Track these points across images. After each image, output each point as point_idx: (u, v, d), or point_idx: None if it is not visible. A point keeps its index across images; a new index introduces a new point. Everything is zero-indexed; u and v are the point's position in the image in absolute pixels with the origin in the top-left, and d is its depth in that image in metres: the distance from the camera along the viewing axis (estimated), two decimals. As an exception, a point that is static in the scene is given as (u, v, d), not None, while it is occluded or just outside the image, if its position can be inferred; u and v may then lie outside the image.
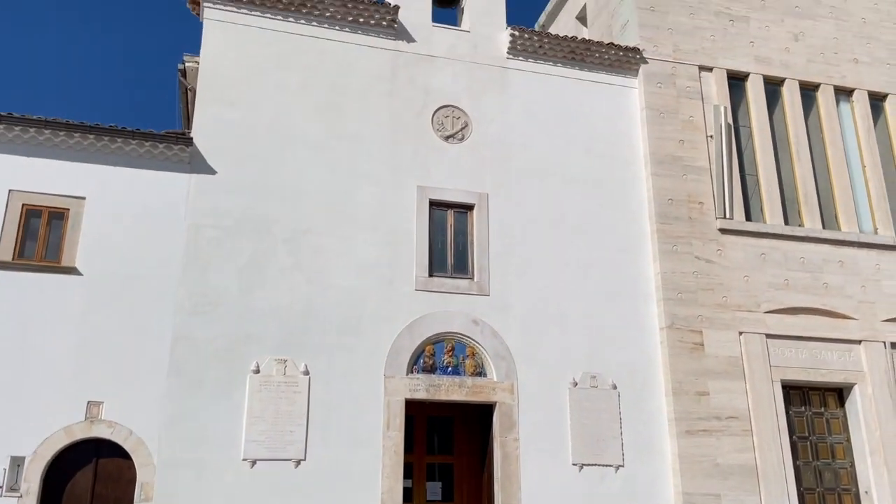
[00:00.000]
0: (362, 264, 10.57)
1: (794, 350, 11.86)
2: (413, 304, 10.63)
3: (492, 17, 12.39)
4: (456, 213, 11.38)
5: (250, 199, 10.35)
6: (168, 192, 9.98)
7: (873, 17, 14.57)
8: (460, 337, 10.71)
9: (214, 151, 10.35)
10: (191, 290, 9.75)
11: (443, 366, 10.58)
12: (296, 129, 10.84)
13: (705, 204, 12.24)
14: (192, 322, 9.63)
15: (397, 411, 10.10)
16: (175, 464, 9.06)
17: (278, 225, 10.37)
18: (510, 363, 10.74)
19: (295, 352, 9.93)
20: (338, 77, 11.27)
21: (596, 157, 12.17)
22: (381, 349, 10.29)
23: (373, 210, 10.85)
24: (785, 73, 13.54)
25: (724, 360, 11.43)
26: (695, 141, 12.55)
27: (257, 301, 9.98)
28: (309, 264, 10.34)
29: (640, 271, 11.78)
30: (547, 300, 11.21)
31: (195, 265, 9.87)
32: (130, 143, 9.87)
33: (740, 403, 11.24)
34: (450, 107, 11.71)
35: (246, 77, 10.82)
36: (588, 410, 10.81)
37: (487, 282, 11.03)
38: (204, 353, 9.56)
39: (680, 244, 11.87)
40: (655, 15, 13.12)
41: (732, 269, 11.97)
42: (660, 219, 11.92)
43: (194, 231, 9.99)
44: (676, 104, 12.68)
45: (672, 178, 12.21)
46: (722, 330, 11.58)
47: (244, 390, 9.57)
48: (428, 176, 11.27)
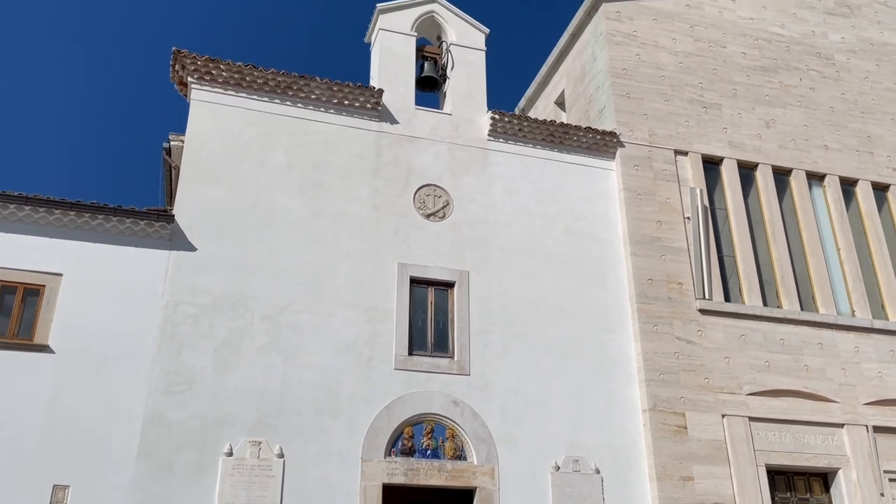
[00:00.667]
0: (341, 342, 10.44)
1: (777, 433, 11.74)
2: (392, 384, 10.46)
3: (473, 101, 12.74)
4: (437, 290, 11.36)
5: (229, 276, 10.29)
6: (147, 268, 9.90)
7: (840, 107, 15.14)
8: (440, 418, 10.51)
9: (195, 229, 10.35)
10: (165, 369, 9.55)
11: (422, 448, 10.33)
12: (278, 207, 10.90)
13: (684, 284, 12.33)
14: (165, 402, 9.39)
15: (374, 497, 9.77)
16: (139, 553, 8.64)
17: (256, 302, 10.28)
18: (491, 446, 10.51)
19: (269, 434, 9.67)
20: (322, 156, 11.43)
21: (575, 237, 12.30)
22: (359, 431, 10.05)
23: (353, 287, 10.81)
24: (758, 157, 13.93)
25: (707, 444, 11.26)
26: (672, 222, 12.76)
27: (232, 381, 9.77)
28: (286, 343, 10.20)
29: (621, 351, 11.73)
30: (528, 380, 11.08)
31: (171, 343, 9.69)
32: (111, 220, 9.85)
33: (725, 489, 11.02)
34: (431, 186, 11.87)
35: (230, 156, 10.94)
36: (571, 496, 10.53)
37: (468, 361, 10.92)
38: (176, 435, 9.27)
39: (661, 324, 11.88)
40: (631, 101, 13.55)
41: (713, 350, 11.96)
42: (640, 299, 11.97)
43: (172, 308, 9.86)
44: (653, 186, 12.94)
45: (651, 259, 12.33)
46: (705, 412, 11.46)
47: (216, 474, 9.25)
48: (409, 253, 11.31)
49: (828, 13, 16.14)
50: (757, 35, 15.23)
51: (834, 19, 16.11)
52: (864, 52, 16.01)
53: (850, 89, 15.42)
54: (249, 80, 11.28)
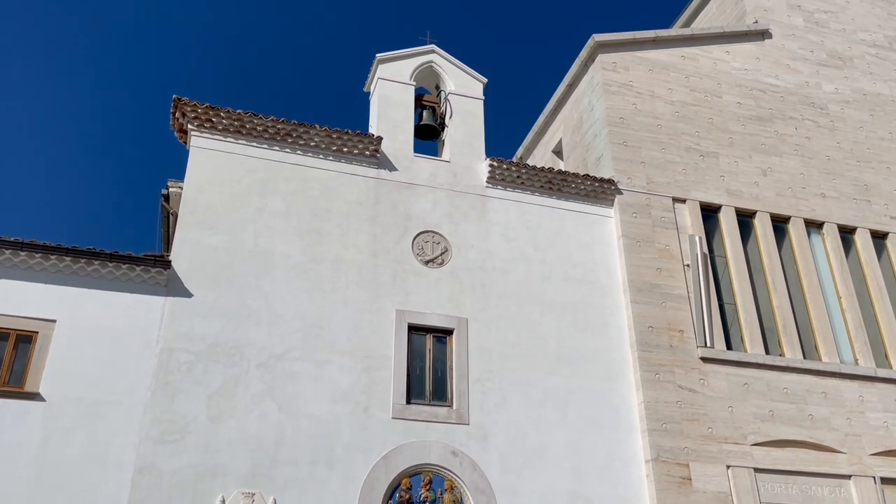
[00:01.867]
0: (337, 391, 10.27)
1: (783, 485, 11.46)
2: (389, 433, 10.25)
3: (471, 149, 12.83)
4: (435, 337, 11.23)
5: (225, 322, 10.18)
6: (142, 315, 9.79)
7: (836, 155, 15.26)
8: (438, 469, 10.26)
9: (192, 275, 10.28)
10: (158, 417, 9.36)
11: (420, 500, 10.05)
12: (276, 253, 10.85)
13: (685, 332, 12.21)
14: (157, 451, 9.17)
15: (370, 551, 9.47)
16: None
17: (252, 349, 10.15)
18: (490, 498, 10.24)
19: (263, 485, 9.42)
20: (320, 202, 11.44)
21: (575, 284, 12.23)
22: (355, 482, 9.80)
23: (350, 334, 10.69)
24: (756, 205, 13.96)
25: (712, 496, 10.98)
26: (672, 269, 12.71)
27: (226, 430, 9.57)
28: (282, 391, 10.03)
29: (622, 400, 11.54)
30: (527, 430, 10.86)
31: (164, 391, 9.53)
32: (107, 266, 9.79)
33: (732, 543, 10.70)
34: (430, 232, 11.85)
35: (228, 202, 10.95)
36: (573, 550, 10.21)
37: (467, 409, 10.72)
38: (167, 486, 9.03)
39: (662, 372, 11.72)
40: (628, 149, 13.65)
41: (716, 399, 11.76)
42: (641, 346, 11.83)
43: (166, 355, 9.72)
44: (652, 233, 12.93)
45: (651, 306, 12.24)
46: (709, 463, 11.20)
47: (207, 527, 8.97)
48: (407, 300, 11.22)
49: (821, 64, 16.40)
50: (752, 85, 15.44)
51: (827, 70, 16.37)
52: (858, 102, 16.22)
53: (846, 138, 15.56)
54: (249, 128, 11.37)
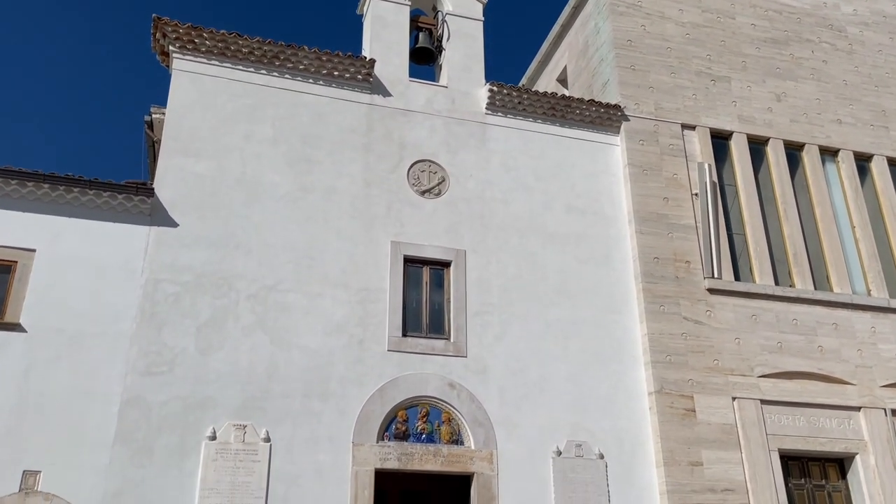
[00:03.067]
0: (331, 323, 9.95)
1: (791, 417, 11.18)
2: (385, 366, 9.97)
3: (470, 74, 12.21)
4: (432, 270, 10.85)
5: (213, 253, 9.81)
6: (125, 245, 9.43)
7: (854, 80, 14.54)
8: (435, 402, 10.00)
9: (177, 203, 9.87)
10: (144, 350, 9.08)
11: (416, 433, 9.82)
12: (264, 182, 10.41)
13: (692, 263, 11.78)
14: (145, 384, 8.92)
15: (366, 482, 9.28)
16: (116, 542, 8.18)
17: (242, 281, 9.80)
18: (489, 430, 10.01)
19: (255, 417, 9.19)
20: (311, 129, 10.93)
21: (578, 215, 11.77)
22: (350, 415, 9.56)
23: (343, 266, 10.32)
24: (769, 132, 13.35)
25: (717, 428, 10.72)
26: (679, 199, 12.20)
27: (216, 362, 9.30)
28: (274, 323, 9.71)
29: (626, 333, 11.20)
30: (528, 363, 10.57)
31: (151, 323, 9.22)
32: (87, 194, 9.38)
33: (737, 475, 10.47)
34: (426, 161, 11.35)
35: (214, 128, 10.46)
36: (574, 482, 10.02)
37: (465, 342, 10.41)
38: (155, 418, 8.80)
39: (667, 304, 11.34)
40: (636, 74, 13.00)
41: (723, 331, 11.41)
42: (646, 278, 11.43)
43: (152, 286, 9.39)
44: (660, 162, 12.39)
45: (657, 237, 11.79)
46: (714, 395, 10.91)
47: (198, 459, 8.77)
48: (403, 231, 10.80)
49: (840, -16, 15.52)
50: (767, 6, 14.64)
51: (846, -10, 15.49)
52: (878, 24, 15.40)
53: (864, 62, 14.81)
54: (234, 50, 10.79)
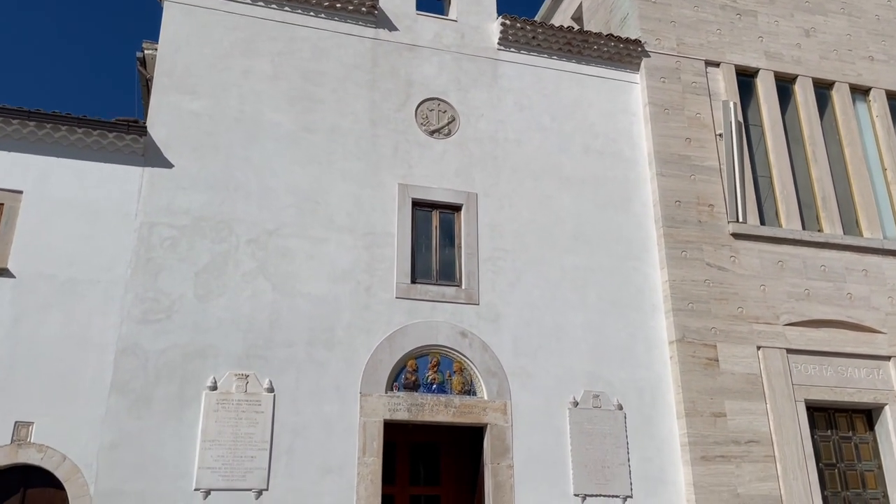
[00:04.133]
0: (336, 269, 9.46)
1: (817, 367, 10.71)
2: (393, 314, 9.50)
3: (481, 6, 11.48)
4: (441, 214, 10.31)
5: (211, 196, 9.29)
6: (118, 187, 8.92)
7: (887, 15, 13.71)
8: (447, 351, 9.56)
9: (171, 143, 9.32)
10: (140, 296, 8.63)
11: (427, 383, 9.40)
12: (263, 121, 9.83)
13: (716, 206, 11.19)
14: (141, 331, 8.49)
15: (375, 434, 8.89)
16: (115, 495, 7.83)
17: (242, 225, 9.29)
18: (502, 380, 9.57)
19: (258, 366, 8.77)
20: (312, 65, 10.29)
21: (595, 156, 11.15)
22: (357, 364, 9.13)
23: (349, 210, 9.78)
24: (797, 69, 12.61)
25: (741, 378, 10.25)
26: (702, 139, 11.55)
27: (216, 309, 8.85)
28: (276, 269, 9.23)
29: (646, 280, 10.68)
30: (543, 311, 10.08)
31: (146, 268, 8.76)
32: (76, 132, 8.84)
33: (761, 426, 10.04)
34: (435, 100, 10.72)
35: (209, 64, 9.84)
36: (591, 434, 9.61)
37: (476, 290, 9.91)
38: (153, 367, 8.39)
39: (690, 250, 10.78)
40: (657, 7, 12.23)
41: (748, 278, 10.87)
42: (667, 222, 10.86)
43: (146, 230, 8.90)
44: (682, 100, 11.71)
45: (679, 179, 11.18)
46: (738, 344, 10.42)
47: (198, 409, 8.38)
48: (411, 173, 10.23)
49: (874, -87, 14.56)
50: (796, -64, 13.73)
51: (881, -81, 14.54)
52: (914, -45, 14.46)
53: (899, -4, 13.95)
54: (229, -21, 10.11)
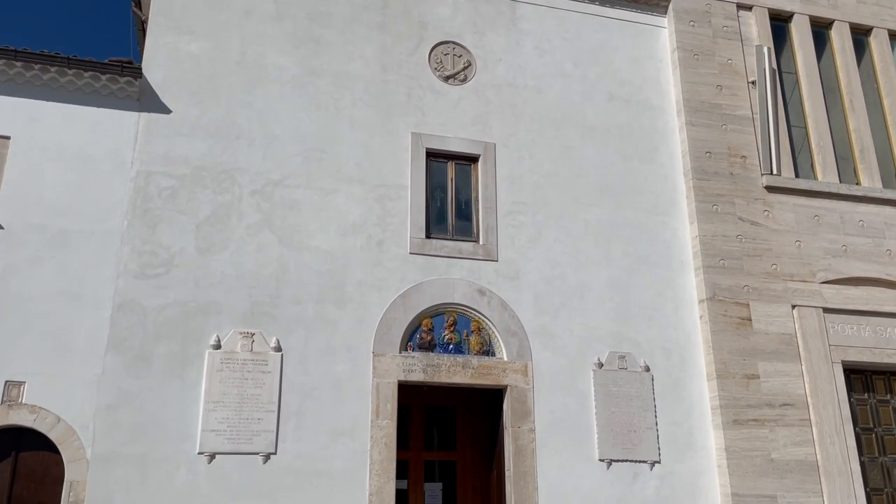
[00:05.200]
0: (346, 223, 8.89)
1: (855, 327, 10.11)
2: (407, 271, 8.94)
3: (498, -56, 10.72)
4: (458, 165, 9.70)
5: (212, 143, 8.70)
6: (112, 133, 8.33)
7: (930, -44, 12.85)
8: (464, 309, 9.01)
9: (169, 87, 8.71)
10: (138, 249, 8.08)
11: (443, 342, 8.87)
12: (268, 64, 9.19)
13: (748, 158, 10.52)
14: (139, 287, 7.96)
15: (388, 396, 8.38)
16: (114, 458, 7.37)
17: (245, 175, 8.71)
18: (523, 340, 9.03)
19: (264, 324, 8.24)
20: (318, 6, 9.62)
21: (620, 105, 10.48)
22: (369, 323, 8.60)
23: (358, 159, 9.18)
24: (833, 13, 11.83)
25: (775, 338, 9.68)
26: (734, 87, 10.85)
27: (219, 263, 8.30)
28: (282, 221, 8.66)
29: (674, 235, 10.07)
30: (565, 268, 9.50)
31: (144, 220, 8.20)
32: (67, 74, 8.23)
33: (796, 388, 9.49)
34: (450, 43, 10.04)
35: (208, 3, 9.18)
36: (616, 396, 9.08)
37: (495, 245, 9.33)
38: (152, 324, 7.88)
39: (721, 203, 10.15)
40: (686, -54, 11.43)
41: (782, 233, 10.24)
42: (697, 174, 10.21)
43: (143, 180, 8.33)
44: (712, 45, 10.98)
45: (710, 129, 10.50)
46: (772, 303, 9.83)
47: (201, 369, 7.88)
48: (424, 122, 9.60)
49: None
50: None
51: None
52: None
53: (942, -64, 13.08)
54: (229, -89, 9.40)
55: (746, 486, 8.88)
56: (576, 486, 8.59)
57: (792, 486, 9.01)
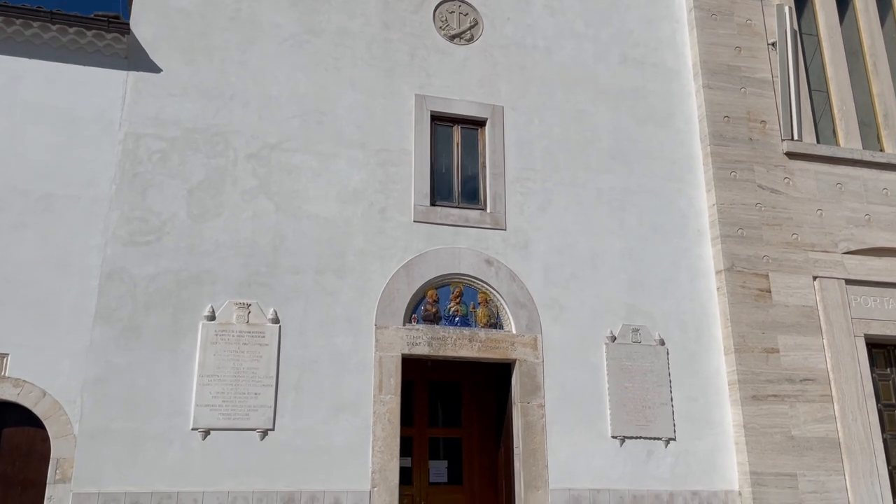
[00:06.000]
0: (346, 189, 8.45)
1: (878, 299, 9.69)
2: (411, 239, 8.51)
3: None
4: (464, 129, 9.23)
5: (205, 104, 8.23)
6: (99, 92, 7.87)
7: (958, -87, 12.25)
8: (470, 280, 8.59)
9: (159, 44, 8.23)
10: (127, 216, 7.66)
11: (449, 315, 8.46)
12: (263, 22, 8.70)
13: (768, 123, 10.04)
14: (128, 254, 7.54)
15: (392, 370, 7.99)
16: (103, 434, 6.99)
17: (240, 138, 8.25)
18: (532, 312, 8.62)
19: (261, 295, 7.83)
20: (316, -41, 9.10)
21: (634, 67, 9.98)
22: (371, 294, 8.18)
23: (360, 122, 8.72)
24: (857, -28, 11.28)
25: (795, 311, 9.26)
26: (754, 48, 10.33)
27: (213, 231, 7.87)
28: (279, 187, 8.22)
29: (690, 203, 9.62)
30: (576, 237, 9.06)
31: (133, 184, 7.76)
32: (50, 30, 7.75)
33: (817, 363, 9.09)
34: (455, 0, 9.53)
35: (200, -45, 8.67)
36: (630, 371, 8.68)
37: (503, 213, 8.89)
38: (142, 294, 7.47)
39: (739, 170, 9.68)
40: None
41: (803, 201, 9.78)
42: (714, 140, 9.74)
43: (133, 142, 7.88)
44: (731, 5, 10.45)
45: (728, 92, 10.01)
46: (792, 274, 9.40)
47: (195, 341, 7.48)
48: (429, 83, 9.12)
49: None
50: None
51: None
52: None
53: None
54: None
55: (765, 464, 8.51)
56: (587, 463, 8.22)
57: (812, 463, 8.64)
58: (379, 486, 7.56)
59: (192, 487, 7.06)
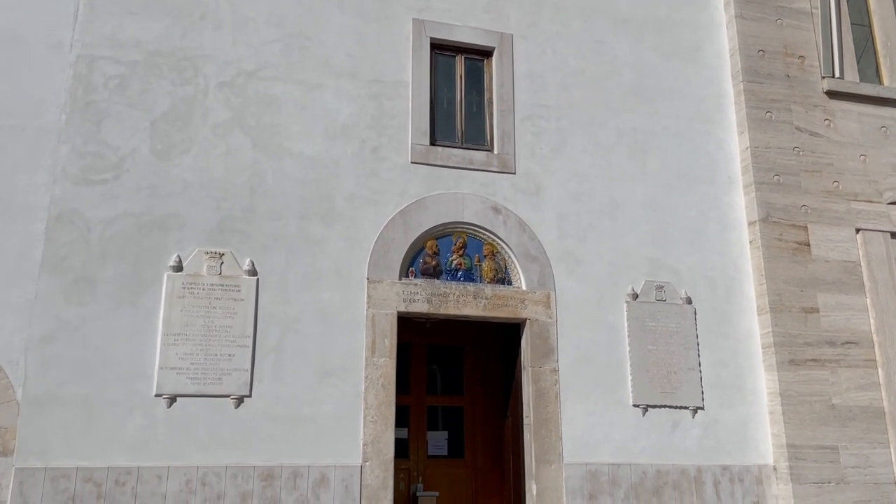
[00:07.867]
0: (334, 124, 7.41)
1: (926, 255, 8.75)
2: (408, 182, 7.50)
3: None
4: (468, 60, 8.17)
5: (169, 24, 7.14)
6: (47, 8, 6.77)
7: None
8: (475, 230, 7.59)
9: (116, -47, 7.11)
10: (79, 150, 6.61)
11: (450, 268, 7.48)
12: (238, -70, 7.57)
13: (807, 59, 8.99)
14: (81, 195, 6.51)
15: (387, 329, 7.02)
16: (51, 401, 6.04)
17: (211, 63, 7.18)
18: (545, 267, 7.64)
19: (236, 243, 6.83)
20: None
21: (659, -6, 8.90)
22: (363, 244, 7.19)
23: (349, 49, 7.64)
24: None
25: (836, 266, 8.31)
26: (792, -25, 9.25)
27: (180, 169, 6.85)
28: (257, 121, 7.18)
29: (720, 146, 8.61)
30: (594, 183, 8.07)
31: (86, 114, 6.71)
32: (-15, -68, 6.63)
33: (861, 324, 8.16)
34: (459, -87, 8.40)
35: None
36: (653, 332, 7.74)
37: (513, 155, 7.87)
38: (97, 239, 6.46)
39: (775, 110, 8.66)
40: None
41: (845, 146, 8.78)
42: (748, 76, 8.70)
43: (85, 66, 6.81)
44: (767, -74, 9.33)
45: (763, 23, 8.95)
46: (834, 226, 8.44)
47: (158, 295, 6.49)
48: (428, 6, 8.04)
49: None
50: None
51: None
52: None
53: None
54: None
55: (804, 436, 7.61)
56: (606, 435, 7.31)
57: (856, 435, 7.75)
58: (371, 459, 6.65)
59: (155, 462, 6.13)
